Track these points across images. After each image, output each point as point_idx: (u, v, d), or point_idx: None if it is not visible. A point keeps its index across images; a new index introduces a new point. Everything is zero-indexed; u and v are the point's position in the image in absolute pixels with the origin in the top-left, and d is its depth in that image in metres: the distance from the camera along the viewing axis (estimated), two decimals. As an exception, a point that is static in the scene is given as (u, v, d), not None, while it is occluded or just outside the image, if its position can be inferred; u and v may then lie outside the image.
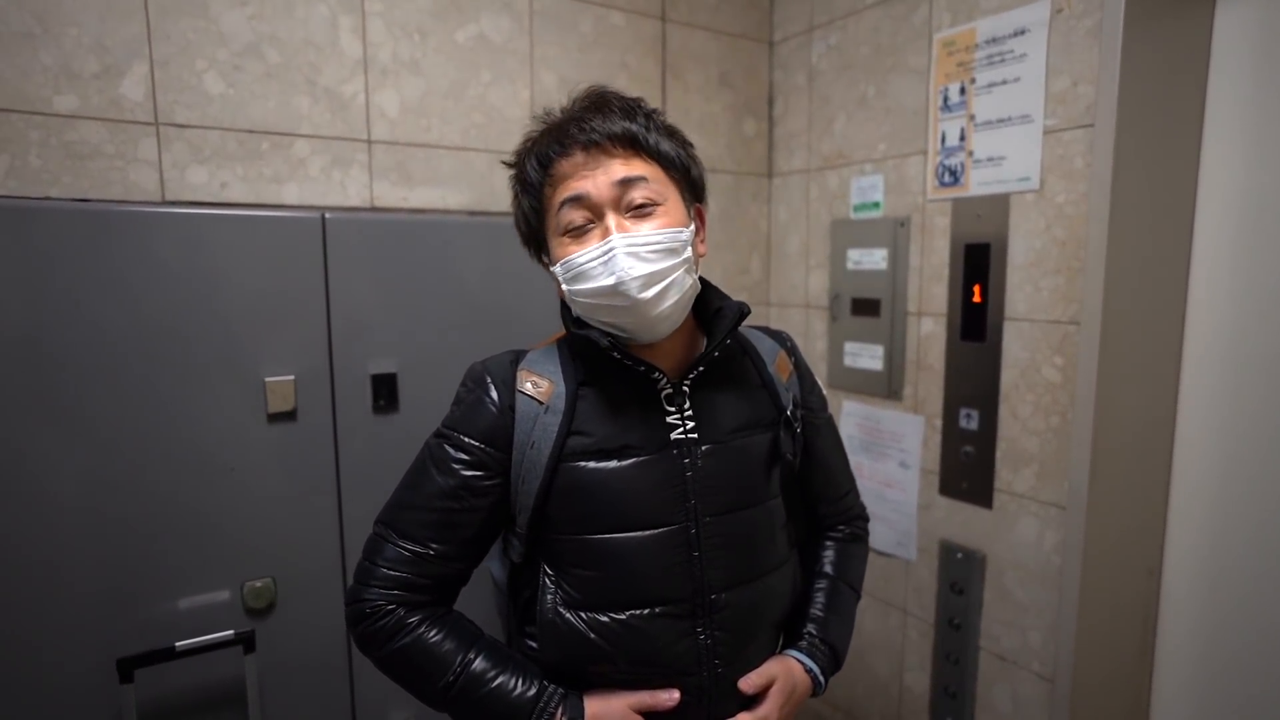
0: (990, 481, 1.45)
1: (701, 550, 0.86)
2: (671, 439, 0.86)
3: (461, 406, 0.89)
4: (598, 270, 0.80)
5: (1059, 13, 1.27)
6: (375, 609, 0.85)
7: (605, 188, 0.82)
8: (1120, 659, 1.38)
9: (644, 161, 0.85)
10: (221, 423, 1.24)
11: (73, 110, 1.15)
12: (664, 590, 0.85)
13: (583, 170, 0.83)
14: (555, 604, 0.86)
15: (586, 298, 0.82)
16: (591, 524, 0.85)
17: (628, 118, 0.85)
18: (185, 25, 1.21)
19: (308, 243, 1.28)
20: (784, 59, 1.86)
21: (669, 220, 0.83)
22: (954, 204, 1.48)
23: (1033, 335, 1.36)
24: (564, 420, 0.85)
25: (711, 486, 0.87)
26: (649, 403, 0.87)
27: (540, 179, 0.86)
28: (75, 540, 1.15)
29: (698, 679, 0.86)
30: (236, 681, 1.25)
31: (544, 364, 0.90)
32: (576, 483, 0.84)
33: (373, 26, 1.38)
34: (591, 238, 0.83)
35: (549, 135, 0.86)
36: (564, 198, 0.83)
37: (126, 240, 1.15)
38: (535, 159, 0.86)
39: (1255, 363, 1.25)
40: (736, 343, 0.96)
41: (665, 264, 0.81)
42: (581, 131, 0.83)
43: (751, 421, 0.92)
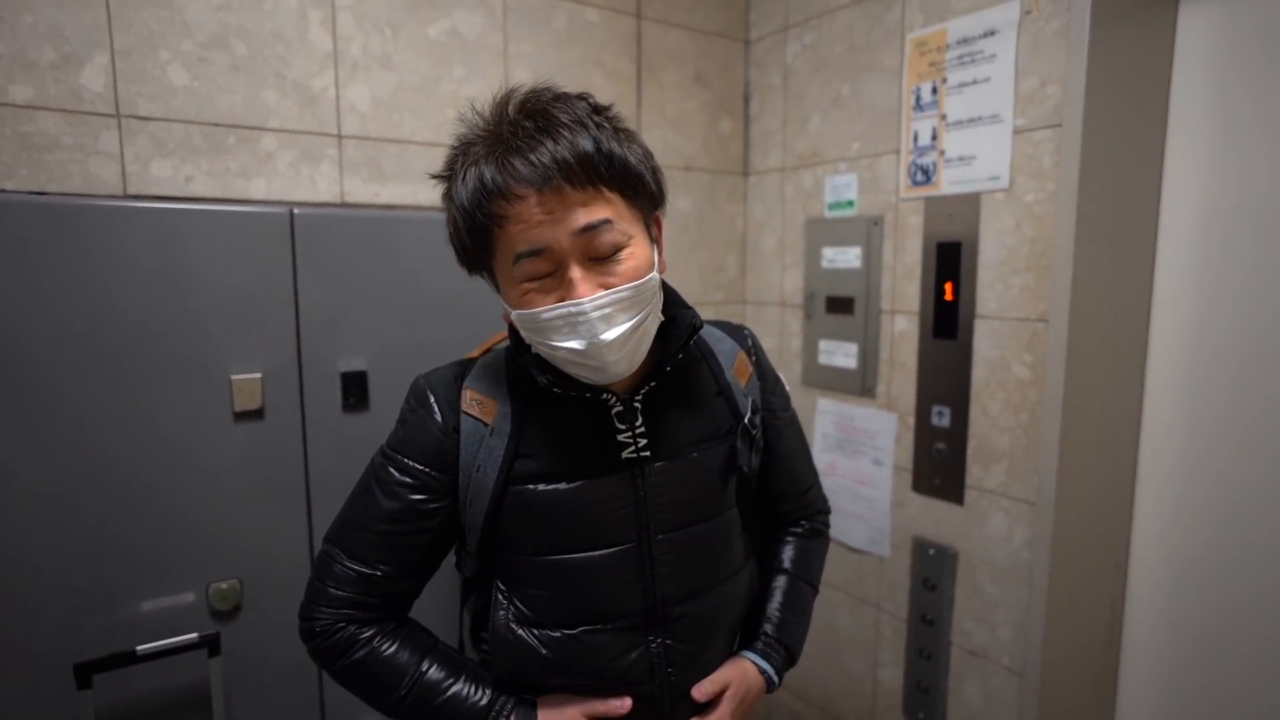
0: (961, 478, 1.46)
1: (654, 567, 0.85)
2: (623, 458, 0.84)
3: (405, 427, 0.86)
4: (564, 330, 0.75)
5: (1028, 14, 1.29)
6: (325, 627, 0.85)
7: (566, 238, 0.73)
8: (1087, 652, 1.39)
9: (605, 198, 0.75)
10: (187, 421, 1.21)
11: (29, 100, 1.12)
12: (616, 606, 0.85)
13: (539, 216, 0.73)
14: (508, 620, 0.86)
15: (551, 350, 0.77)
16: (542, 546, 0.84)
17: (579, 133, 0.74)
18: (147, 15, 1.19)
19: (276, 239, 1.26)
20: (759, 57, 1.87)
21: (636, 261, 0.77)
22: (926, 203, 1.49)
23: (1003, 333, 1.37)
24: (510, 443, 0.82)
25: (664, 504, 0.85)
26: (599, 422, 0.84)
27: (485, 219, 0.75)
28: (33, 541, 1.12)
29: (650, 687, 0.86)
30: (201, 686, 1.23)
31: (488, 381, 0.86)
32: (525, 506, 0.83)
33: (343, 20, 1.36)
34: (553, 289, 0.76)
35: (492, 161, 0.74)
36: (522, 250, 0.74)
37: (87, 234, 1.12)
38: (476, 188, 0.74)
39: (1218, 360, 1.27)
40: (693, 349, 0.92)
41: (636, 316, 0.77)
42: (529, 165, 0.72)
43: (707, 434, 0.89)
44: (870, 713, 1.70)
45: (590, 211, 0.74)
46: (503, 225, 0.75)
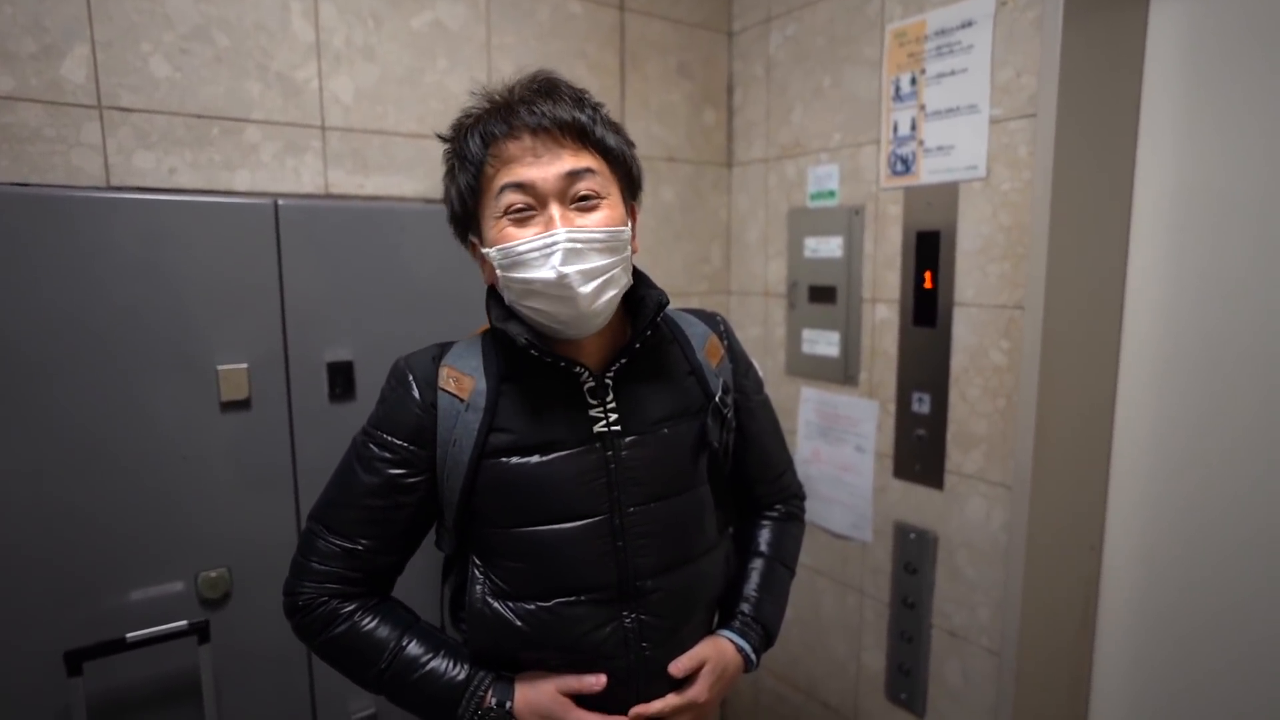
0: (941, 463, 1.49)
1: (625, 540, 0.87)
2: (594, 432, 0.87)
3: (385, 405, 0.89)
4: (538, 261, 0.80)
5: (1003, 5, 1.31)
6: (308, 602, 0.87)
7: (553, 178, 0.81)
8: (1063, 631, 1.43)
9: (591, 155, 0.84)
10: (174, 412, 1.22)
11: (9, 92, 1.12)
12: (589, 579, 0.87)
13: (530, 155, 0.81)
14: (484, 594, 0.88)
15: (523, 285, 0.82)
16: (516, 518, 0.86)
17: (578, 107, 0.84)
18: (129, 6, 1.19)
19: (260, 230, 1.27)
20: (743, 49, 1.88)
21: (611, 215, 0.83)
22: (906, 192, 1.51)
23: (980, 320, 1.40)
24: (485, 418, 0.85)
25: (635, 478, 0.88)
26: (571, 397, 0.87)
27: (482, 156, 0.83)
28: (21, 531, 1.12)
29: (624, 662, 0.88)
30: (191, 673, 1.24)
31: (466, 359, 0.89)
32: (500, 479, 0.86)
33: (325, 11, 1.36)
34: (532, 224, 0.82)
35: (495, 114, 0.84)
36: (508, 181, 0.81)
37: (71, 226, 1.13)
38: (479, 136, 0.83)
39: (1190, 345, 1.30)
40: (665, 330, 0.96)
41: (606, 260, 0.82)
42: (531, 115, 0.81)
43: (678, 410, 0.92)
44: (854, 695, 1.73)
45: (578, 159, 0.82)
46: (495, 163, 0.82)
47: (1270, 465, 1.22)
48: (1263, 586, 1.24)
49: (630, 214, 0.90)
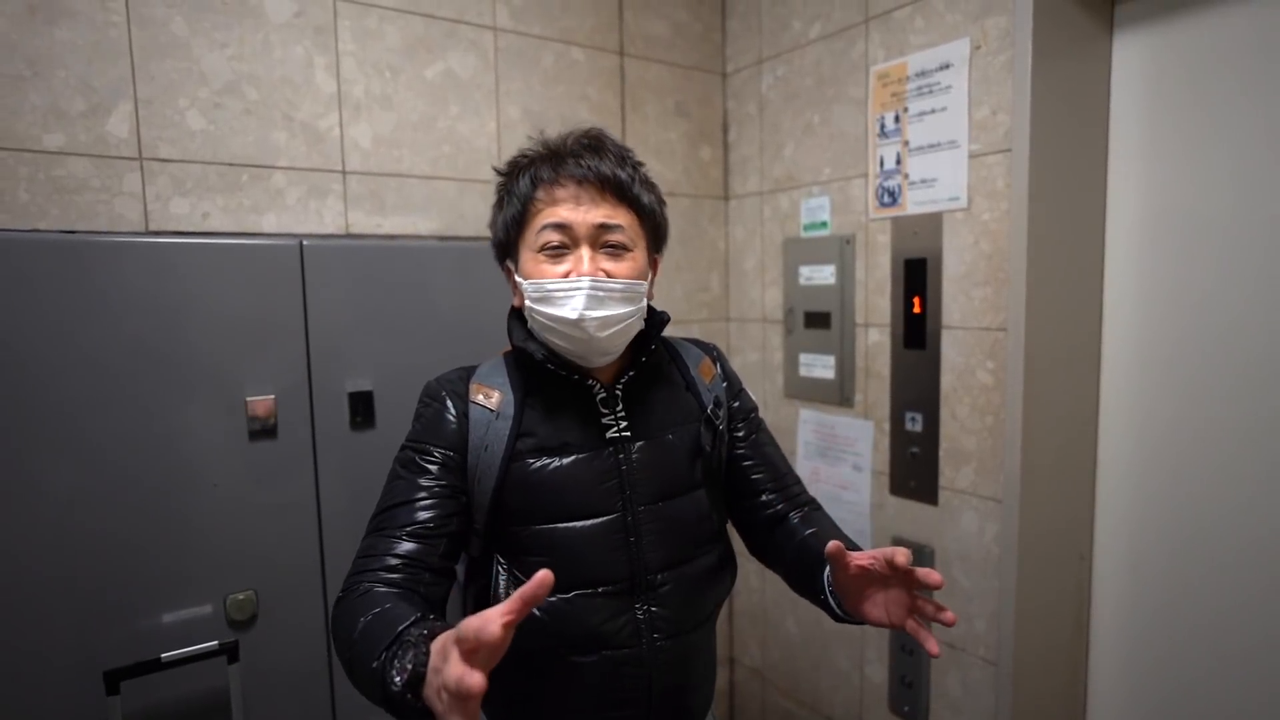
0: (935, 480, 1.56)
1: (638, 535, 0.96)
2: (607, 437, 0.97)
3: (422, 421, 0.99)
4: (562, 299, 0.91)
5: (978, 49, 1.40)
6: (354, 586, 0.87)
7: (588, 224, 0.93)
8: (1057, 639, 1.48)
9: (625, 211, 0.96)
10: (205, 441, 1.29)
11: (60, 147, 1.21)
12: (604, 572, 0.95)
13: (572, 201, 0.93)
14: (508, 588, 0.95)
15: (547, 320, 0.93)
16: (539, 515, 0.95)
17: (620, 165, 0.96)
18: (168, 66, 1.29)
19: (287, 268, 1.35)
20: (736, 89, 1.99)
21: (633, 266, 0.95)
22: (893, 222, 1.59)
23: (967, 342, 1.47)
24: (513, 425, 0.95)
25: (644, 478, 0.97)
26: (586, 406, 0.98)
27: (529, 195, 0.95)
28: (62, 556, 1.19)
29: (637, 650, 0.95)
30: (221, 692, 1.29)
31: (493, 377, 1.00)
32: (525, 479, 0.95)
33: (346, 65, 1.46)
34: (564, 262, 0.93)
35: (547, 161, 0.96)
36: (549, 221, 0.93)
37: (112, 268, 1.21)
38: (529, 177, 0.96)
39: (1166, 360, 1.37)
40: (665, 352, 1.09)
41: (623, 309, 0.93)
42: (578, 167, 0.94)
43: (678, 419, 1.03)
44: (859, 708, 1.77)
45: (613, 214, 0.95)
46: (541, 203, 0.94)
47: (1248, 469, 1.28)
48: (1248, 588, 1.29)
49: (652, 265, 1.03)
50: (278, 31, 1.38)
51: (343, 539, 1.41)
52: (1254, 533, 1.28)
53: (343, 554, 1.40)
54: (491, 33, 1.63)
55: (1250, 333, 1.26)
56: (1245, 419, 1.28)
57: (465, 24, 1.59)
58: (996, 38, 1.37)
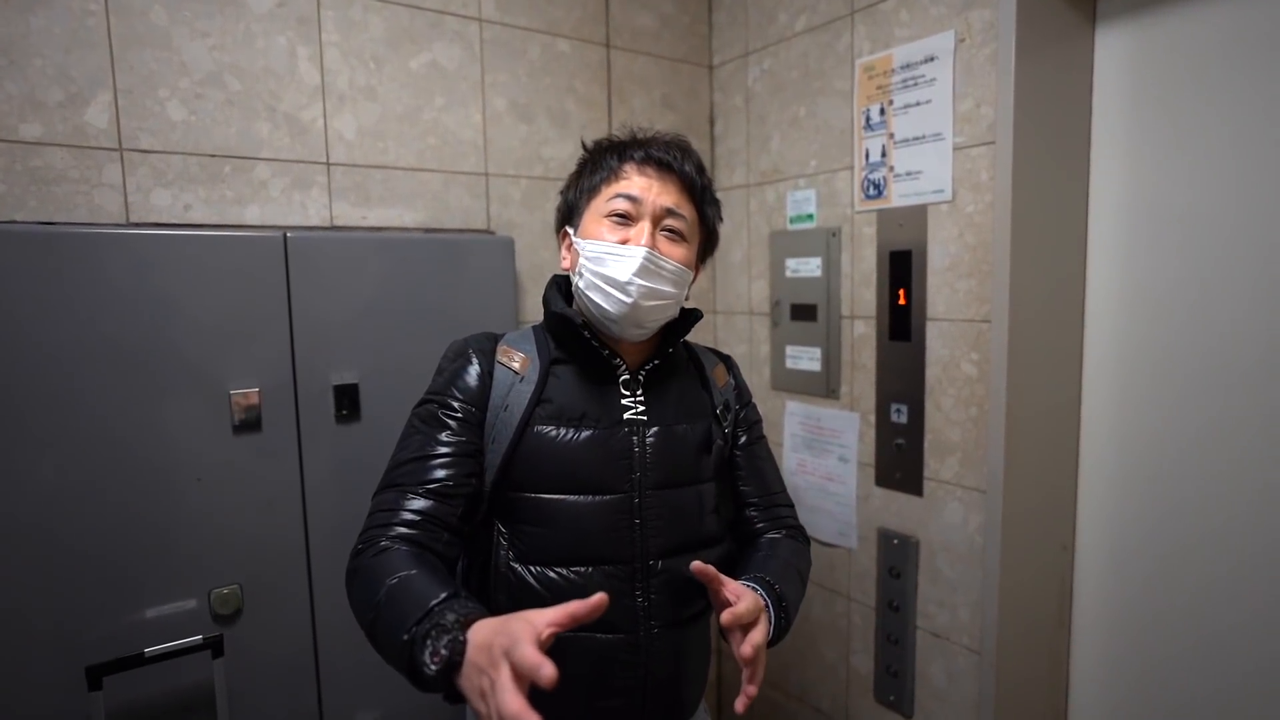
0: (920, 471, 1.57)
1: (643, 519, 0.97)
2: (625, 418, 0.99)
3: (445, 375, 1.01)
4: (617, 263, 0.96)
5: (962, 42, 1.41)
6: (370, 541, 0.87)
7: (657, 203, 0.99)
8: (1040, 627, 1.49)
9: (691, 208, 1.03)
10: (188, 435, 1.28)
11: (37, 137, 1.20)
12: (606, 551, 0.95)
13: (649, 179, 1.00)
14: (507, 558, 0.96)
15: (597, 278, 0.97)
16: (547, 484, 0.95)
17: (699, 174, 1.04)
18: (148, 56, 1.27)
19: (270, 261, 1.34)
20: (723, 82, 1.99)
21: (685, 255, 1.01)
22: (879, 215, 1.60)
23: (951, 334, 1.48)
24: (535, 389, 0.97)
25: (655, 463, 0.99)
26: (608, 385, 1.01)
27: (612, 167, 1.01)
28: (43, 551, 1.18)
29: (634, 637, 0.96)
30: (205, 687, 1.29)
31: (520, 343, 1.04)
32: (539, 445, 0.96)
33: (330, 55, 1.45)
34: (625, 232, 0.98)
35: (637, 144, 1.03)
36: (622, 191, 0.99)
37: (92, 261, 1.20)
38: (617, 154, 1.02)
39: (1147, 351, 1.39)
40: (686, 352, 1.13)
41: (667, 288, 0.98)
42: (666, 155, 1.02)
43: (692, 413, 1.06)
44: (845, 698, 1.78)
45: (680, 205, 1.01)
46: (618, 175, 1.01)
47: (1228, 459, 1.30)
48: (1226, 577, 1.31)
49: (695, 270, 1.07)
50: (260, 21, 1.37)
51: (328, 532, 1.41)
52: (1232, 523, 1.30)
53: (329, 547, 1.40)
54: (477, 24, 1.62)
55: (1230, 324, 1.28)
56: (1225, 410, 1.30)
57: (450, 15, 1.58)
58: (980, 31, 1.37)
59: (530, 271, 1.73)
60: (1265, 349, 1.24)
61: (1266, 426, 1.25)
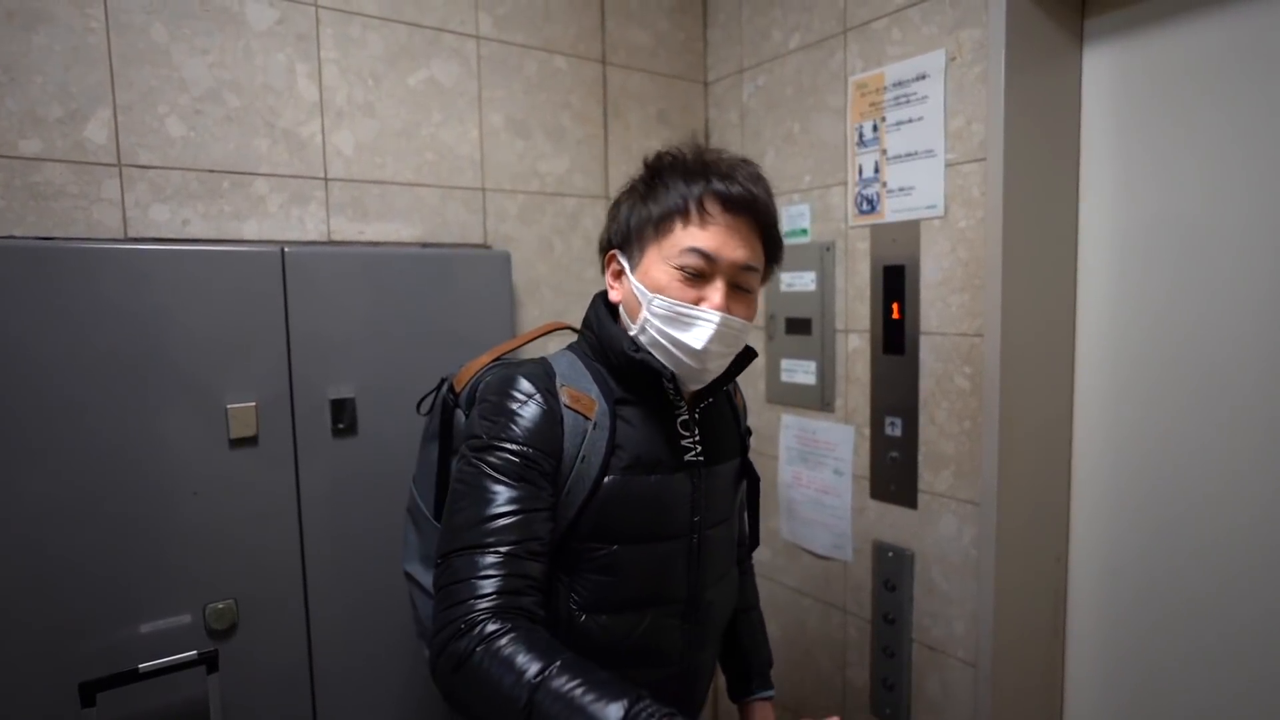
0: (914, 483, 1.57)
1: (700, 558, 0.98)
2: (685, 461, 0.97)
3: (516, 420, 0.88)
4: (691, 327, 0.89)
5: (953, 60, 1.43)
6: (469, 620, 0.78)
7: (736, 262, 0.91)
8: (1035, 641, 1.50)
9: (762, 254, 0.95)
10: (185, 449, 1.28)
11: (37, 153, 1.20)
12: (667, 593, 0.96)
13: (725, 232, 0.90)
14: (570, 607, 0.91)
15: (666, 339, 0.91)
16: (617, 534, 0.91)
17: (774, 212, 0.96)
18: (148, 73, 1.28)
19: (268, 275, 1.35)
20: (717, 98, 2.01)
21: (752, 309, 0.96)
22: (872, 229, 1.62)
23: (945, 347, 1.50)
24: (609, 437, 0.91)
25: (709, 504, 0.99)
26: (669, 427, 0.97)
27: (684, 198, 0.90)
28: (37, 565, 1.18)
29: (682, 666, 0.99)
30: (200, 702, 1.28)
31: (579, 380, 0.95)
32: (613, 495, 0.90)
33: (328, 72, 1.46)
34: (699, 288, 0.90)
35: (714, 168, 0.91)
36: (697, 245, 0.89)
37: (91, 276, 1.20)
38: (697, 184, 0.90)
39: (1138, 364, 1.40)
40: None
41: (735, 347, 0.95)
42: (746, 191, 0.90)
43: (731, 447, 1.06)
44: (841, 712, 1.78)
45: (754, 256, 0.93)
46: (702, 218, 0.90)
47: (1221, 471, 1.31)
48: (1221, 589, 1.32)
49: None
50: (259, 39, 1.38)
51: (325, 547, 1.41)
52: (1228, 533, 1.31)
53: (325, 562, 1.40)
54: (474, 41, 1.64)
55: (1220, 336, 1.30)
56: (1217, 421, 1.31)
57: (448, 32, 1.60)
58: (971, 49, 1.40)
59: (527, 286, 1.74)
60: (1256, 360, 1.26)
61: (1258, 437, 1.26)
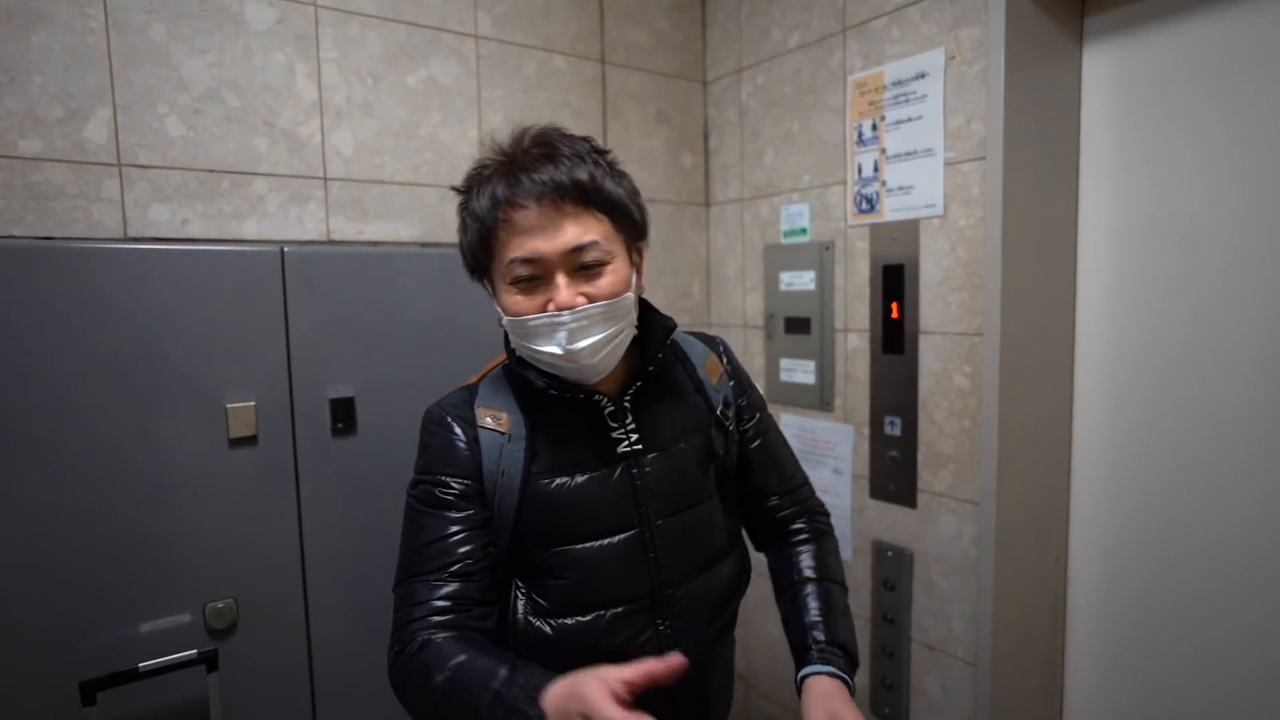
0: (914, 483, 1.57)
1: (656, 550, 0.94)
2: (619, 453, 0.95)
3: (431, 451, 0.94)
4: (544, 335, 0.87)
5: (952, 59, 1.43)
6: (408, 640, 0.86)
7: (558, 251, 0.85)
8: (1034, 639, 1.50)
9: (594, 217, 0.87)
10: (185, 449, 1.28)
11: (37, 153, 1.21)
12: (625, 590, 0.93)
13: (536, 227, 0.85)
14: (526, 614, 0.93)
15: (533, 354, 0.90)
16: (558, 536, 0.92)
17: (577, 164, 0.87)
18: (147, 73, 1.28)
19: (267, 275, 1.35)
20: (717, 97, 2.01)
21: (614, 280, 0.88)
22: (871, 229, 1.62)
23: (944, 346, 1.50)
24: (527, 445, 0.92)
25: (659, 492, 0.95)
26: (595, 422, 0.95)
27: (491, 221, 0.87)
28: (37, 565, 1.18)
29: None
30: (199, 701, 1.28)
31: (496, 397, 0.97)
32: (542, 500, 0.92)
33: (327, 71, 1.46)
34: (539, 293, 0.87)
35: (501, 177, 0.88)
36: (516, 255, 0.86)
37: (90, 275, 1.20)
38: (488, 200, 0.88)
39: (1138, 363, 1.40)
40: (670, 353, 1.03)
41: (610, 329, 0.88)
42: (533, 182, 0.85)
43: (689, 426, 1.00)
44: (840, 711, 1.78)
45: (581, 231, 0.86)
46: (504, 230, 0.87)
47: (1220, 470, 1.31)
48: (1220, 588, 1.32)
49: (637, 253, 0.97)
50: (258, 39, 1.38)
51: (324, 547, 1.41)
52: (1226, 533, 1.31)
53: (324, 561, 1.40)
54: (473, 40, 1.64)
55: (1219, 334, 1.30)
56: (1216, 419, 1.31)
57: (447, 32, 1.60)
58: (970, 48, 1.40)
59: (526, 285, 1.73)
60: (1254, 358, 1.26)
61: (1256, 435, 1.26)
